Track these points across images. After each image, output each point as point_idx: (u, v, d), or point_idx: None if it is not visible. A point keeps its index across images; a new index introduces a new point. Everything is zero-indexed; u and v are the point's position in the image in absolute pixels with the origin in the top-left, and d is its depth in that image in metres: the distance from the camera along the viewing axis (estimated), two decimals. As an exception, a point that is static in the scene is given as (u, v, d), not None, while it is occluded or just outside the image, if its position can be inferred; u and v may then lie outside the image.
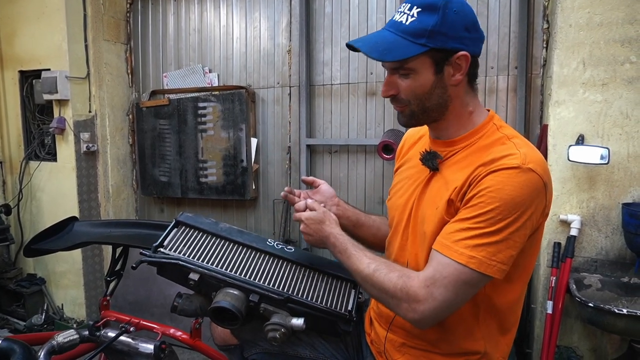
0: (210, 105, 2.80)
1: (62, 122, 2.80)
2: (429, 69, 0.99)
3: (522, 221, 0.93)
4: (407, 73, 1.00)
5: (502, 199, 0.91)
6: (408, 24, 0.97)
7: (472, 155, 1.03)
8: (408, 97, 1.02)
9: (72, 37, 2.78)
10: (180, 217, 1.26)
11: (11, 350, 1.02)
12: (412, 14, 0.97)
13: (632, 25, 1.78)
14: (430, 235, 1.03)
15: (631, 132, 1.82)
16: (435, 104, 1.02)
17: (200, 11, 2.94)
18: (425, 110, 1.03)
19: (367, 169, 2.61)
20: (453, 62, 0.98)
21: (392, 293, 0.98)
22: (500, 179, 0.92)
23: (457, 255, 0.93)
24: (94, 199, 3.01)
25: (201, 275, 1.13)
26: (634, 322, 1.56)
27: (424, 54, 0.97)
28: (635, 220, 1.71)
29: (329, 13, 2.61)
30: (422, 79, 0.99)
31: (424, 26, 0.95)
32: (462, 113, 1.05)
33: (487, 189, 0.93)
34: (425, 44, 0.95)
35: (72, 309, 3.05)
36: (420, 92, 1.01)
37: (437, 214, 1.03)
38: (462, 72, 0.99)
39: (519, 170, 0.92)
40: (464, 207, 0.96)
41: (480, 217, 0.93)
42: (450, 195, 1.00)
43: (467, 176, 0.98)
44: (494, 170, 0.94)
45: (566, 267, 1.86)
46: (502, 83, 2.29)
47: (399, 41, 0.97)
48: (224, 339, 1.39)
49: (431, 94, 1.01)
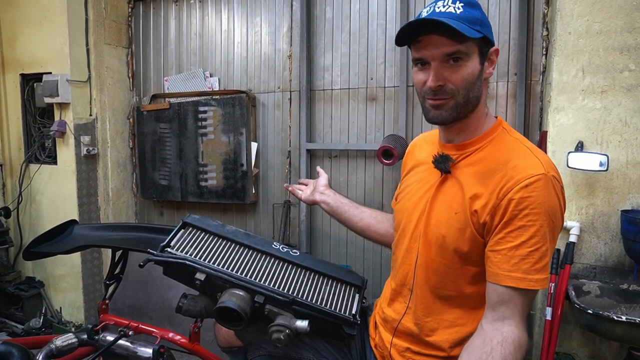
0: (211, 109, 2.81)
1: (62, 126, 2.81)
2: (477, 58, 1.01)
3: (560, 226, 0.99)
4: (461, 58, 0.99)
5: (545, 213, 0.94)
6: (459, 13, 0.98)
7: (486, 158, 1.04)
8: (457, 85, 1.01)
9: (73, 40, 2.80)
10: (187, 219, 1.28)
11: (9, 353, 1.02)
12: (457, 7, 0.99)
13: (630, 33, 1.79)
14: (450, 239, 1.04)
15: (630, 139, 1.82)
16: (475, 97, 1.04)
17: (201, 16, 2.95)
18: (468, 102, 1.03)
19: (367, 173, 2.61)
20: (490, 55, 1.03)
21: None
22: (537, 193, 0.94)
23: (533, 284, 0.95)
24: (94, 202, 3.01)
25: (207, 275, 1.14)
26: (633, 329, 1.56)
27: (476, 41, 0.99)
28: (634, 227, 1.71)
29: (329, 18, 2.63)
30: (473, 65, 1.00)
31: (475, 16, 0.99)
32: (482, 113, 1.08)
33: (529, 207, 0.94)
34: (480, 30, 0.98)
35: (70, 312, 3.04)
36: (470, 79, 1.01)
37: (457, 220, 1.03)
38: (493, 66, 1.05)
39: (546, 179, 0.95)
40: (508, 230, 0.96)
41: (534, 237, 0.94)
42: (472, 207, 1.01)
43: (493, 190, 0.98)
44: (525, 184, 0.95)
45: (565, 274, 1.87)
46: (501, 89, 2.30)
47: (460, 25, 0.96)
48: (228, 341, 1.39)
49: (474, 85, 1.02)
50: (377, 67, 2.53)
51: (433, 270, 1.09)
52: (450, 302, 1.08)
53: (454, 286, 1.07)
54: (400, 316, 1.16)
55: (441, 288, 1.09)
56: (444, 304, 1.09)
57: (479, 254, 1.02)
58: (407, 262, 1.15)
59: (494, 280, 0.97)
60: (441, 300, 1.09)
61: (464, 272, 1.05)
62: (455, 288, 1.07)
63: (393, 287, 1.22)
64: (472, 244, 1.02)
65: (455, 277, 1.06)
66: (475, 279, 1.04)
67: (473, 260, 1.03)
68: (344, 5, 2.59)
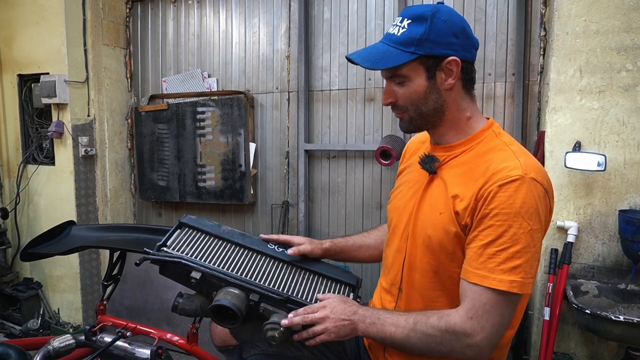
0: (209, 110, 2.81)
1: (60, 126, 2.80)
2: (422, 75, 1.04)
3: (539, 229, 0.96)
4: (402, 81, 1.05)
5: (517, 214, 0.94)
6: (399, 34, 1.04)
7: (471, 161, 1.05)
8: (405, 103, 1.07)
9: (71, 41, 2.79)
10: (183, 219, 1.29)
11: (7, 355, 1.02)
12: (403, 26, 1.03)
13: (628, 33, 1.80)
14: (435, 240, 1.05)
15: (627, 139, 1.83)
16: (431, 109, 1.06)
17: (199, 16, 2.95)
18: (422, 116, 1.07)
19: (365, 174, 2.61)
20: (444, 67, 1.03)
21: (440, 338, 0.97)
22: (509, 193, 0.94)
23: (496, 283, 0.94)
24: (92, 203, 3.01)
25: (203, 274, 1.14)
26: (631, 329, 1.56)
27: (414, 61, 1.02)
28: (631, 227, 1.71)
29: (327, 19, 2.63)
30: (416, 85, 1.05)
31: (412, 35, 1.01)
32: (460, 118, 1.09)
33: (499, 207, 0.95)
34: (414, 51, 1.01)
35: (68, 313, 3.04)
36: (416, 97, 1.06)
37: (441, 220, 1.04)
38: (454, 77, 1.04)
39: (522, 181, 0.94)
40: (480, 229, 0.97)
41: (502, 237, 0.94)
42: (455, 207, 1.02)
43: (473, 193, 0.99)
44: (500, 184, 0.95)
45: (563, 274, 1.87)
46: (499, 90, 2.30)
47: (390, 51, 1.03)
48: (223, 340, 1.39)
49: (426, 99, 1.05)
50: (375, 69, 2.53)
51: (420, 271, 1.10)
52: (437, 302, 1.09)
53: (441, 286, 1.08)
54: None
55: (428, 288, 1.09)
56: (431, 304, 1.09)
57: (464, 255, 1.03)
58: (397, 262, 1.16)
59: (463, 276, 1.00)
60: (428, 301, 1.10)
61: (451, 273, 1.05)
62: (442, 288, 1.08)
63: (384, 286, 1.23)
64: (457, 244, 1.03)
65: (443, 278, 1.07)
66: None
67: (459, 261, 1.03)
68: (342, 5, 2.59)
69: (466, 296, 0.97)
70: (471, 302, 0.96)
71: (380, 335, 1.04)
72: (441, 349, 0.98)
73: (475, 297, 0.95)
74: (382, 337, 1.04)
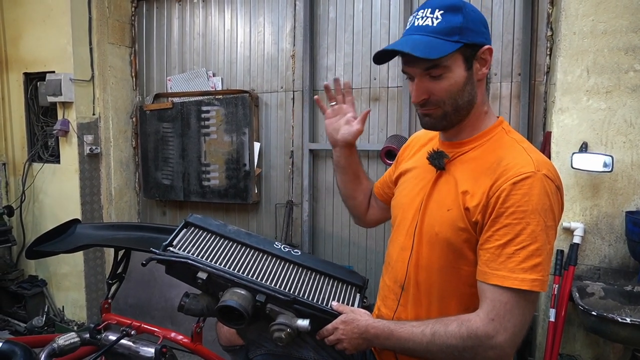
0: (214, 109, 2.81)
1: (65, 125, 2.81)
2: (461, 66, 1.01)
3: (553, 226, 0.95)
4: (441, 73, 1.00)
5: (533, 210, 0.92)
6: (436, 25, 0.99)
7: (481, 157, 1.04)
8: (443, 97, 1.02)
9: (77, 40, 2.80)
10: (189, 219, 1.29)
11: (12, 352, 1.02)
12: (436, 17, 0.99)
13: (636, 33, 1.78)
14: (443, 237, 1.04)
15: (635, 140, 1.81)
16: (466, 102, 1.04)
17: (204, 15, 2.95)
18: (457, 109, 1.04)
19: (370, 174, 2.60)
20: (479, 56, 1.02)
21: (462, 346, 0.95)
22: (524, 190, 0.93)
23: (518, 282, 0.92)
24: (97, 202, 3.01)
25: (209, 274, 1.14)
26: (638, 331, 1.55)
27: (456, 51, 0.99)
28: (638, 229, 1.70)
29: (333, 18, 2.62)
30: (456, 76, 1.01)
31: (453, 25, 0.98)
32: (481, 112, 1.08)
33: (515, 204, 0.93)
34: (458, 40, 0.98)
35: (73, 311, 3.05)
36: (455, 89, 1.01)
37: (449, 217, 1.03)
38: (487, 66, 1.04)
39: (535, 177, 0.93)
40: (495, 229, 0.96)
41: (521, 235, 0.93)
42: (465, 203, 1.00)
43: (485, 190, 0.98)
44: (513, 182, 0.94)
45: (569, 275, 1.86)
46: (505, 90, 2.29)
47: (433, 41, 0.98)
48: (230, 340, 1.39)
49: (463, 91, 1.02)
50: (380, 67, 2.52)
51: (426, 269, 1.08)
52: (442, 301, 1.07)
53: (447, 284, 1.06)
54: (392, 312, 1.16)
55: (434, 286, 1.08)
56: (436, 302, 1.08)
57: (473, 252, 1.02)
58: (402, 259, 1.14)
59: (481, 279, 0.97)
60: (434, 299, 1.08)
61: (459, 271, 1.04)
62: (448, 286, 1.06)
63: (387, 284, 1.21)
64: (465, 241, 1.02)
65: (449, 277, 1.05)
66: (471, 280, 1.03)
67: (467, 259, 1.02)
68: (347, 5, 2.58)
69: (486, 297, 0.95)
70: (491, 304, 0.94)
71: (397, 350, 1.05)
72: (464, 355, 0.96)
73: (495, 298, 0.94)
74: (399, 351, 1.04)
